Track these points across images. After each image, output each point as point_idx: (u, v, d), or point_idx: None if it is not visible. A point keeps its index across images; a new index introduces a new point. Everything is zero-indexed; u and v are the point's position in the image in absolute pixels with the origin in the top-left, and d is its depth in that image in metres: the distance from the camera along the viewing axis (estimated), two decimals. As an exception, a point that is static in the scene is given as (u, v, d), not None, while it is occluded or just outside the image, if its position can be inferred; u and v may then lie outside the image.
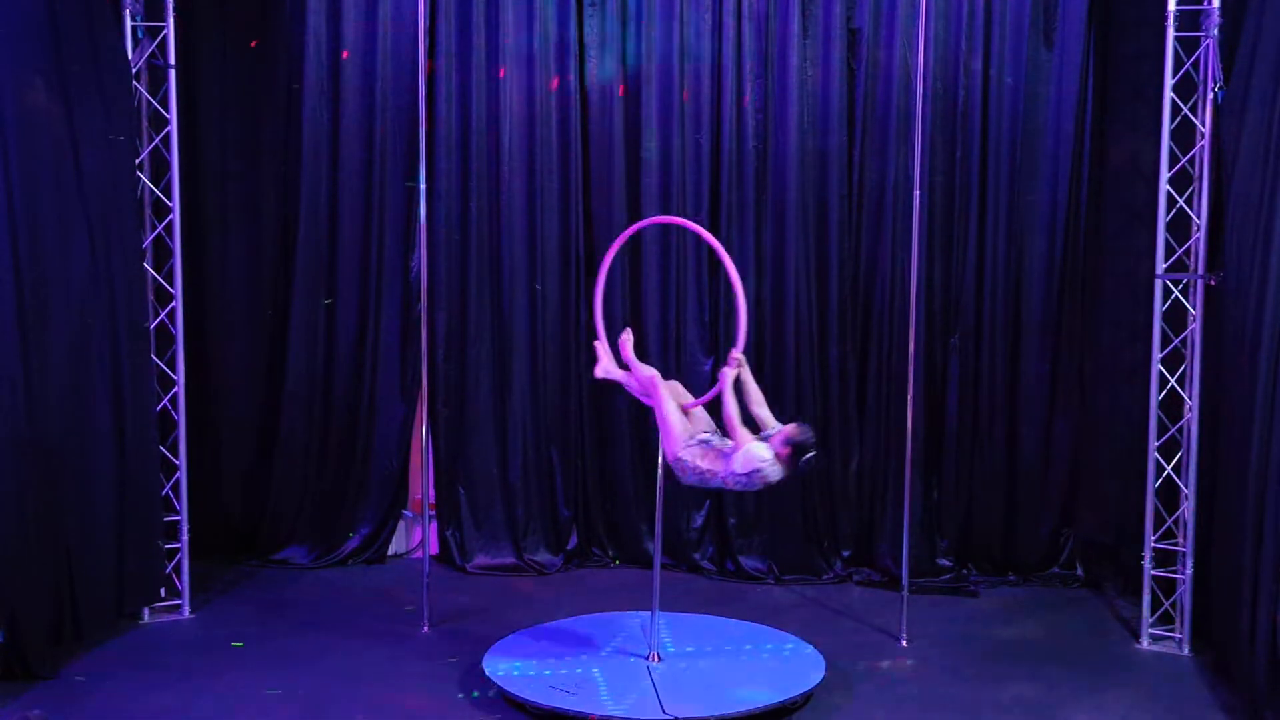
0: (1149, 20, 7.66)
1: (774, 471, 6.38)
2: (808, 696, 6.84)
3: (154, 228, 7.97)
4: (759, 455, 6.33)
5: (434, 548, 8.86)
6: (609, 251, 7.16)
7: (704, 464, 6.50)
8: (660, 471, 7.23)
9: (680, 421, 6.62)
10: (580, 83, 8.80)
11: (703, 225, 8.68)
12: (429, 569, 7.96)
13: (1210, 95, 7.39)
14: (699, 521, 8.99)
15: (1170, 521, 7.73)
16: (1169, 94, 7.47)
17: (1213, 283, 7.43)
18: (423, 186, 7.95)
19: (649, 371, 6.90)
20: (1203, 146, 7.47)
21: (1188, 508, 7.63)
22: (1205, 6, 7.35)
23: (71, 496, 7.26)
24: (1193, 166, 7.54)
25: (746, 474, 6.37)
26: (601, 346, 7.02)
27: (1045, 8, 8.46)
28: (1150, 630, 7.74)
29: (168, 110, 7.88)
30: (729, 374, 6.54)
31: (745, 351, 8.84)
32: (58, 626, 7.19)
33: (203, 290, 8.74)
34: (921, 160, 7.94)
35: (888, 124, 8.58)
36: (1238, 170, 7.07)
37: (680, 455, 6.55)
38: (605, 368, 7.00)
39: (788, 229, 8.69)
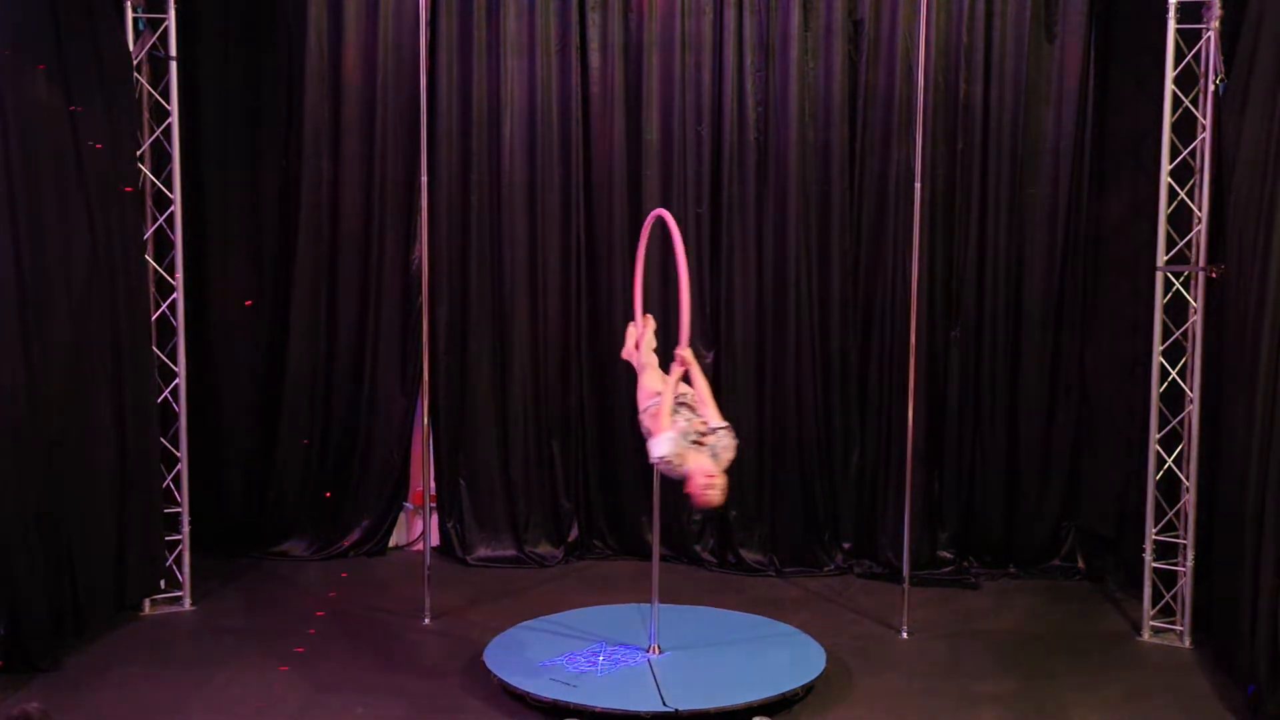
0: (1150, 12, 7.65)
1: (671, 471, 6.21)
2: (808, 688, 6.85)
3: (155, 219, 7.97)
4: (663, 450, 6.16)
5: (435, 540, 8.86)
6: (640, 243, 7.08)
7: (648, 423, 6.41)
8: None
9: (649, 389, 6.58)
10: (581, 75, 8.80)
11: (704, 218, 8.74)
12: (430, 561, 7.97)
13: (1211, 88, 7.39)
14: (700, 514, 8.99)
15: (1171, 514, 7.73)
16: (1170, 86, 7.47)
17: (1214, 275, 7.43)
18: (424, 179, 7.95)
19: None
20: (1204, 139, 7.47)
21: (1188, 500, 7.63)
22: (1206, -1, 7.36)
23: (72, 488, 7.26)
24: (1194, 159, 7.53)
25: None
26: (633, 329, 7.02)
27: (1046, 0, 8.46)
28: (1151, 623, 7.74)
29: (169, 102, 7.88)
30: (676, 371, 6.43)
31: (746, 346, 8.91)
32: (58, 618, 7.19)
33: (204, 282, 8.74)
34: (923, 152, 7.93)
35: (889, 116, 8.58)
36: (1239, 163, 7.06)
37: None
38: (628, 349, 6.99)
39: (789, 221, 8.69)
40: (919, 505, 8.38)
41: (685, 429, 6.21)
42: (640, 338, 7.03)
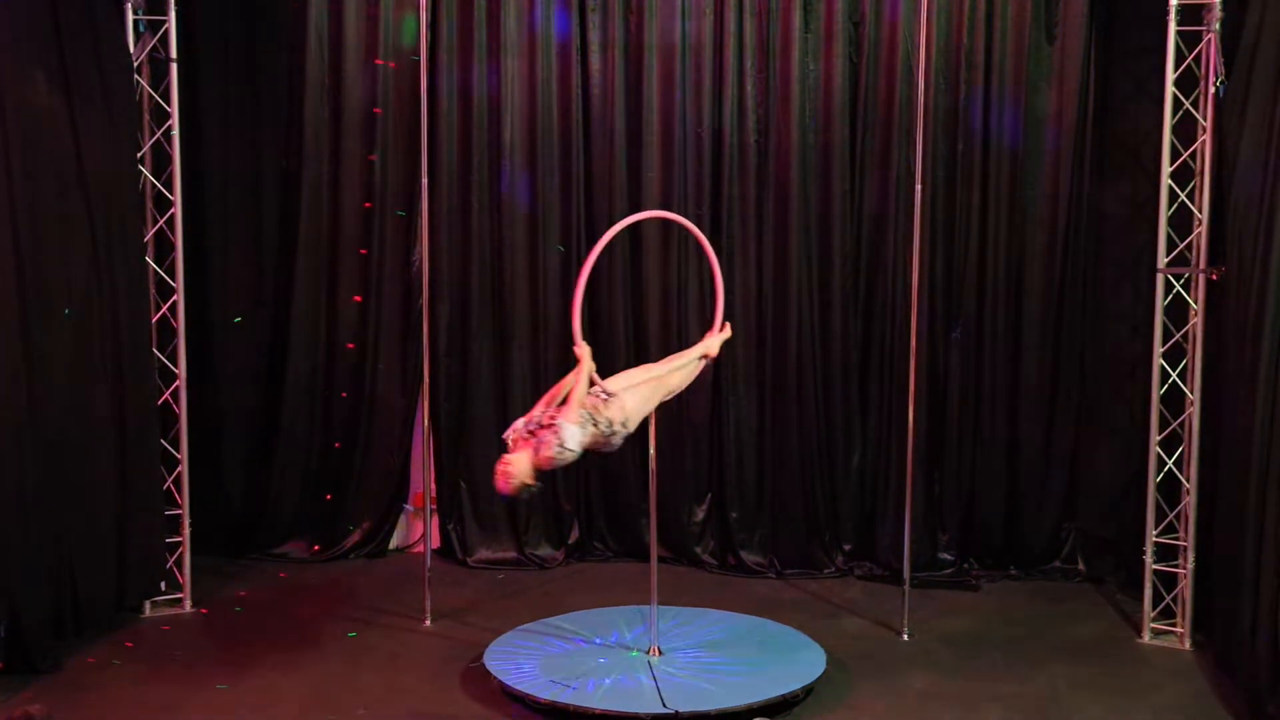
0: (1150, 14, 7.65)
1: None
2: (808, 690, 6.85)
3: (155, 221, 7.98)
4: (506, 432, 6.36)
5: (435, 542, 8.86)
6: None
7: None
8: (653, 465, 7.25)
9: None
10: (582, 76, 8.80)
11: (705, 220, 8.73)
12: (430, 563, 7.97)
13: (1212, 89, 7.39)
14: (700, 515, 9.00)
15: (1172, 516, 7.73)
16: (1170, 88, 7.47)
17: (1214, 277, 7.43)
18: (424, 181, 7.95)
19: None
20: (1204, 141, 7.47)
21: (1189, 502, 7.63)
22: (1207, 1, 7.34)
23: (73, 490, 7.26)
24: (1194, 161, 7.53)
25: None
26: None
27: (1047, 2, 8.45)
28: (1152, 624, 7.74)
29: (169, 104, 7.88)
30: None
31: (746, 347, 8.88)
32: (59, 620, 7.19)
33: (204, 284, 8.74)
34: (923, 154, 7.93)
35: (889, 118, 8.58)
36: (1239, 164, 7.06)
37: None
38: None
39: (789, 222, 8.68)
40: (919, 507, 8.38)
41: (531, 419, 6.29)
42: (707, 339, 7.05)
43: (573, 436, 6.19)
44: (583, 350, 6.37)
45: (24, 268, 6.85)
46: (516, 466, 6.17)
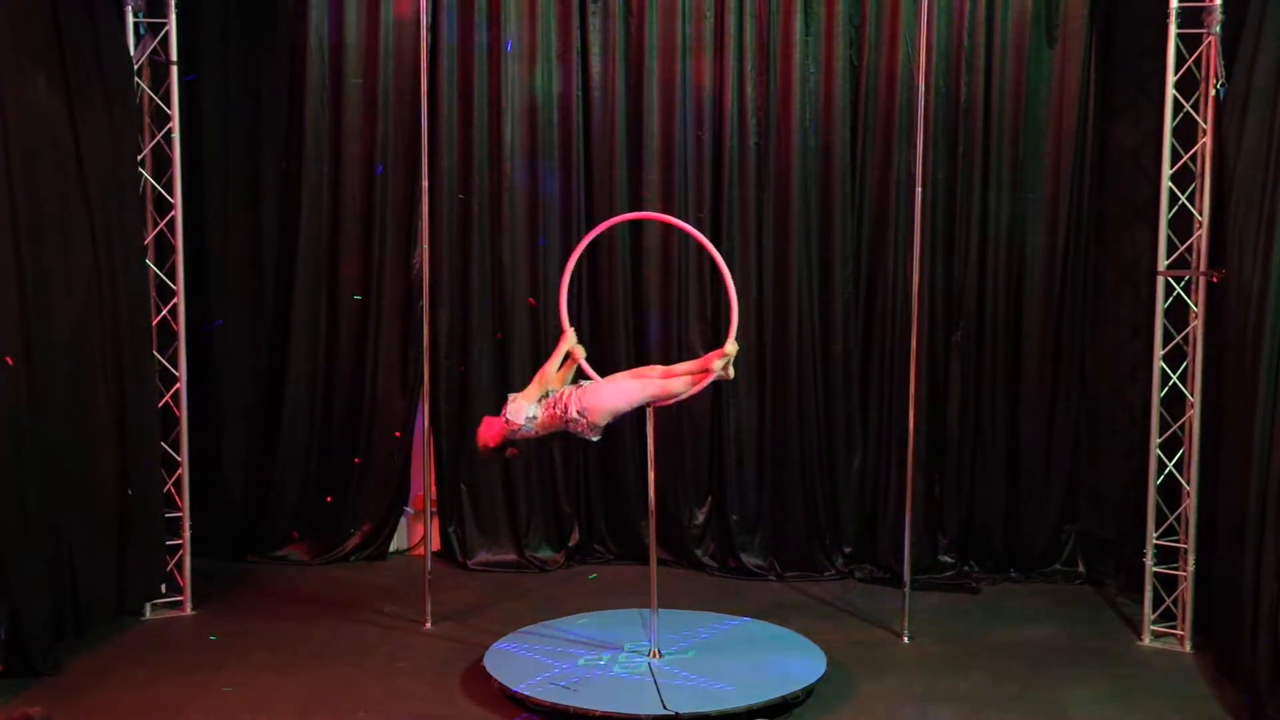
0: (1151, 17, 7.66)
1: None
2: (809, 692, 6.84)
3: (156, 224, 7.98)
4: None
5: (435, 544, 8.86)
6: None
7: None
8: (652, 467, 7.25)
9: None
10: (582, 79, 8.80)
11: (705, 222, 8.73)
12: (430, 565, 7.97)
13: (1212, 92, 7.39)
14: (701, 518, 9.00)
15: (1172, 518, 7.72)
16: (1170, 90, 7.47)
17: (1215, 280, 7.43)
18: (425, 183, 7.96)
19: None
20: (1204, 143, 7.47)
21: (1189, 504, 7.63)
22: (1207, 4, 7.34)
23: (73, 493, 7.26)
24: (1194, 163, 7.53)
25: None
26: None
27: (1047, 4, 8.45)
28: (1152, 627, 7.74)
29: (170, 107, 7.88)
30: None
31: (746, 349, 8.89)
32: (59, 622, 7.19)
33: (204, 286, 8.74)
34: (923, 157, 7.93)
35: (890, 121, 8.58)
36: (1239, 167, 7.07)
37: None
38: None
39: (790, 226, 8.69)
40: (920, 509, 8.37)
41: None
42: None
43: (519, 411, 6.64)
44: (566, 331, 6.78)
45: (24, 269, 6.85)
46: (483, 428, 6.73)
